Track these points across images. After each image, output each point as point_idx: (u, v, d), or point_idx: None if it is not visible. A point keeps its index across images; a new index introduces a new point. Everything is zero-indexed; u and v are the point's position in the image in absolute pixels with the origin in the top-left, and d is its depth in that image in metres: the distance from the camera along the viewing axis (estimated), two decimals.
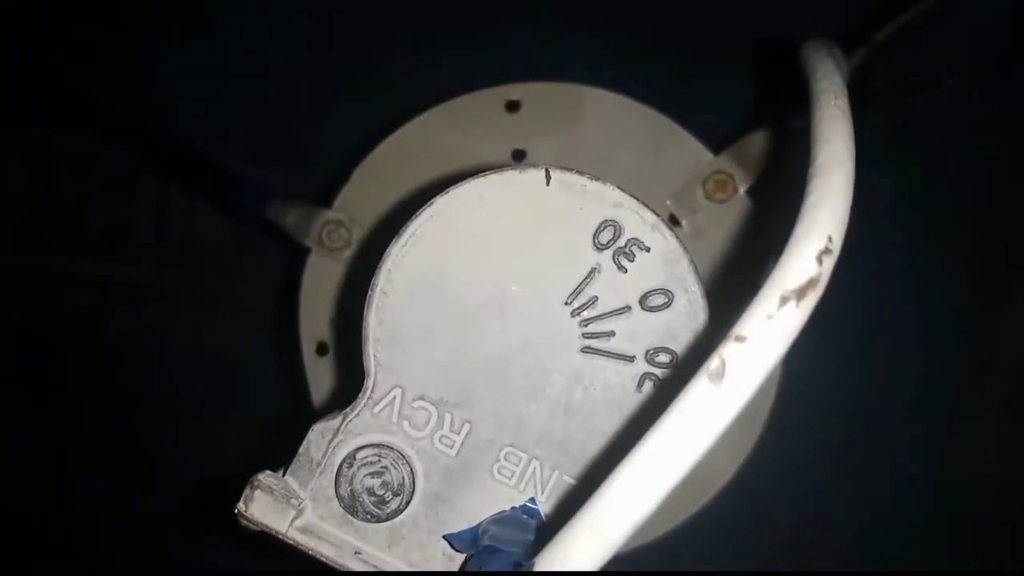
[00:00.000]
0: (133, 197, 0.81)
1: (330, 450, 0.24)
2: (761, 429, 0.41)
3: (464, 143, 0.40)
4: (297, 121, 0.59)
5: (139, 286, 0.76)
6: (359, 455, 0.24)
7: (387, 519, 0.24)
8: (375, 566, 0.24)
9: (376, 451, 0.24)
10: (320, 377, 0.41)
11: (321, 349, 0.41)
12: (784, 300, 0.17)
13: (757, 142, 0.40)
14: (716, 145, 0.42)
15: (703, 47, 0.54)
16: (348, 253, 0.41)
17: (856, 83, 0.37)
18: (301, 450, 0.25)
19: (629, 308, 0.25)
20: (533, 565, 0.20)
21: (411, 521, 0.24)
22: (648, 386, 0.25)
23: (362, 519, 0.24)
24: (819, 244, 0.18)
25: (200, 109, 0.61)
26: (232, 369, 0.79)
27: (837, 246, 0.18)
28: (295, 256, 0.44)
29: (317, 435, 0.25)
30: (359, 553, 0.24)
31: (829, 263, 0.18)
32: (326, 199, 0.43)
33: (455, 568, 0.25)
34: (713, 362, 0.17)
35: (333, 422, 0.25)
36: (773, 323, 0.17)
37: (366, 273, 0.25)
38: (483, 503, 0.25)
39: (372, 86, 0.58)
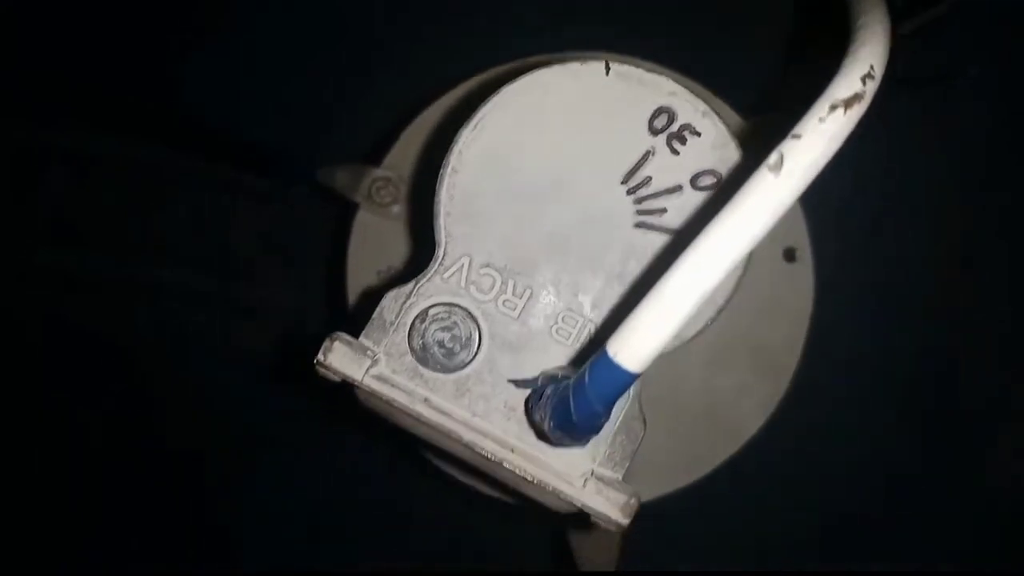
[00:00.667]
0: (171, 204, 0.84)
1: (403, 311, 0.27)
2: (787, 383, 0.43)
3: None
4: (348, 90, 0.62)
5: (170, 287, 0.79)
6: (431, 312, 0.26)
7: (454, 370, 0.26)
8: (443, 413, 0.26)
9: (446, 308, 0.26)
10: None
11: (368, 293, 0.44)
12: (833, 108, 0.20)
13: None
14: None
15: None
16: (396, 208, 0.44)
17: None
18: (375, 315, 0.27)
19: (680, 187, 0.27)
20: (605, 349, 0.22)
21: (475, 375, 0.27)
22: None
23: (432, 369, 0.26)
24: (864, 69, 0.20)
25: (249, 88, 0.64)
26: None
27: (879, 74, 0.21)
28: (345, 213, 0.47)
29: (390, 300, 0.27)
30: (428, 401, 0.26)
31: (872, 85, 0.20)
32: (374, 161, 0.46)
33: (511, 418, 0.27)
34: (772, 157, 0.20)
35: (405, 288, 0.27)
36: (824, 125, 0.20)
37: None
38: (541, 360, 0.27)
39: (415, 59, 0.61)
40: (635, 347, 0.20)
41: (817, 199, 0.38)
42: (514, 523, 0.65)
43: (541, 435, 0.26)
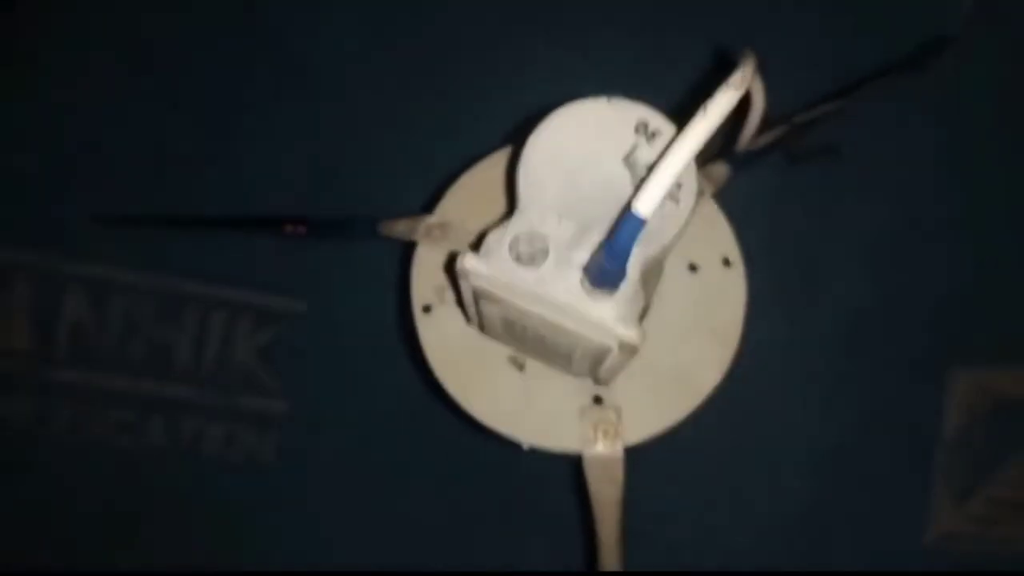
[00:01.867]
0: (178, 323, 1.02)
1: (502, 237, 0.46)
2: (733, 352, 0.62)
3: None
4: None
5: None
6: (519, 236, 0.46)
7: (536, 268, 0.45)
8: (530, 293, 0.44)
9: (528, 233, 0.45)
10: (427, 327, 0.61)
11: (426, 309, 0.62)
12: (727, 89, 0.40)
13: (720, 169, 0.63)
14: None
15: None
16: (447, 244, 0.63)
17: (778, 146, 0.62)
18: (484, 244, 0.46)
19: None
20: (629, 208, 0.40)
21: (549, 270, 0.45)
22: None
23: (525, 265, 0.45)
24: (745, 73, 0.41)
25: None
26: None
27: (749, 76, 0.42)
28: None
29: (493, 235, 0.46)
30: (520, 285, 0.44)
31: (745, 82, 0.41)
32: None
33: (569, 291, 0.45)
34: (705, 105, 0.39)
35: (501, 226, 0.46)
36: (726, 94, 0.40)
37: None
38: (584, 258, 0.46)
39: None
40: (645, 200, 0.39)
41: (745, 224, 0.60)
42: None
43: (587, 295, 0.44)
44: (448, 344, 0.58)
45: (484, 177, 0.60)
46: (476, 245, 0.43)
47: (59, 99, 1.06)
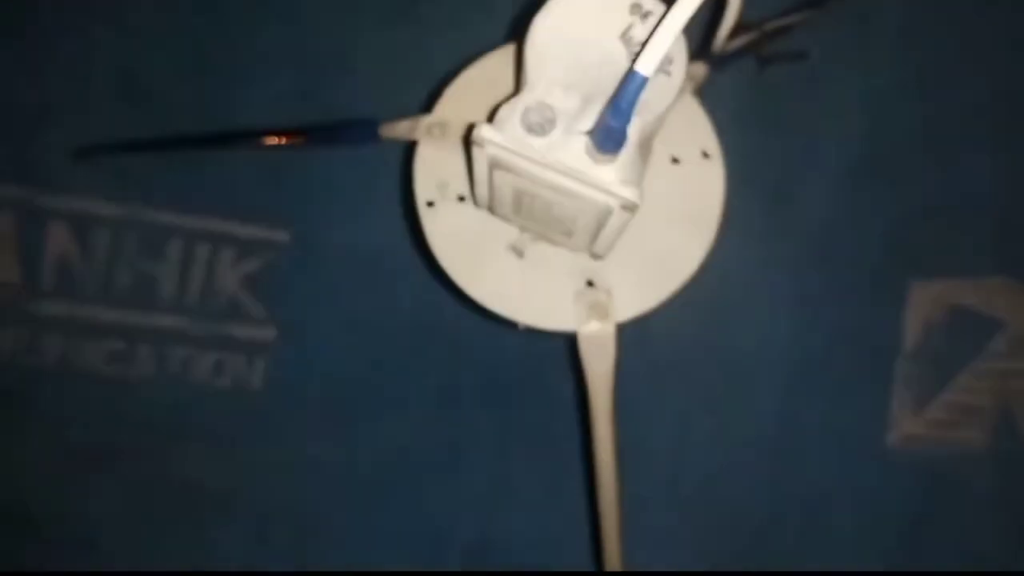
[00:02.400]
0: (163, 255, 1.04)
1: (513, 109, 0.49)
2: (712, 236, 0.66)
3: None
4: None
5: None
6: (529, 107, 0.49)
7: (546, 136, 0.48)
8: (547, 160, 0.48)
9: (537, 104, 0.49)
10: (431, 221, 0.64)
11: (430, 204, 0.65)
12: None
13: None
14: None
15: None
16: (447, 142, 0.66)
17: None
18: (497, 116, 0.49)
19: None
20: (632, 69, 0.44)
21: (558, 137, 0.49)
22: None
23: (536, 134, 0.48)
24: None
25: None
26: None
27: None
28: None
29: (505, 108, 0.49)
30: (530, 153, 0.48)
31: None
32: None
33: (577, 154, 0.48)
34: None
35: (512, 100, 0.49)
36: None
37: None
38: (588, 124, 0.49)
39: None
40: (645, 61, 0.42)
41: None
42: None
43: (592, 159, 0.48)
44: (451, 235, 0.61)
45: (481, 75, 0.63)
46: (489, 118, 0.46)
47: (41, 35, 1.06)
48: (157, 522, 1.01)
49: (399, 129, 0.64)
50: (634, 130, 0.44)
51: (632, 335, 1.01)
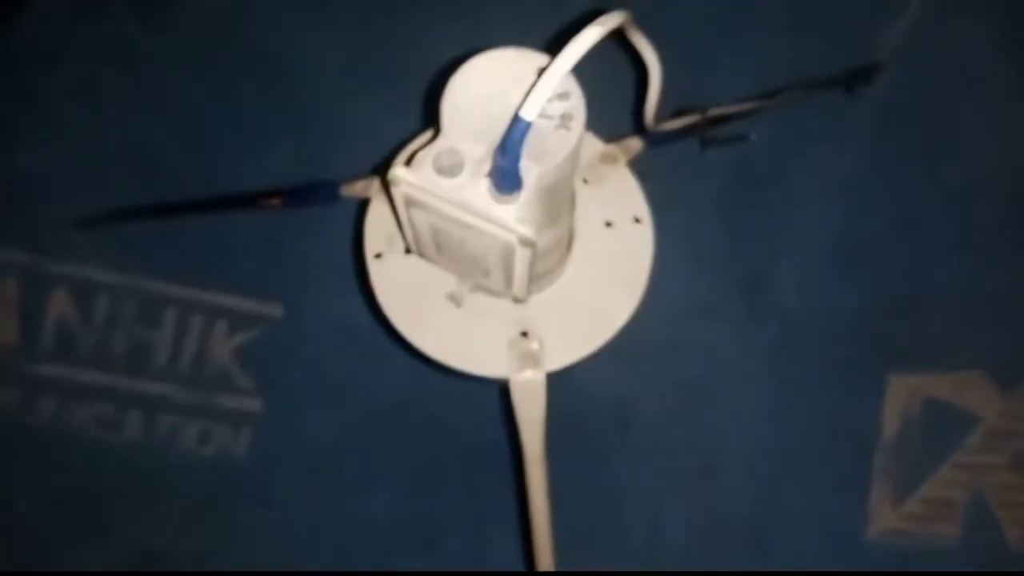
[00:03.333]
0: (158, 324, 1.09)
1: (426, 154, 0.54)
2: (642, 291, 0.69)
3: None
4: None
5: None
6: (441, 153, 0.54)
7: (455, 178, 0.53)
8: (449, 200, 0.52)
9: (448, 151, 0.54)
10: (378, 272, 0.69)
11: (378, 256, 0.70)
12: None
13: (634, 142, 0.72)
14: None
15: None
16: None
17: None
18: (414, 160, 0.54)
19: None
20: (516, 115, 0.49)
21: (466, 182, 0.53)
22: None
23: (445, 175, 0.52)
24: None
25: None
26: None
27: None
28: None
29: (420, 153, 0.54)
30: (440, 191, 0.53)
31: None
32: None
33: (481, 195, 0.52)
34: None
35: (427, 147, 0.54)
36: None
37: None
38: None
39: None
40: (527, 107, 0.47)
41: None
42: None
43: (493, 199, 0.52)
44: (395, 286, 0.66)
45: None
46: (407, 162, 0.51)
47: (52, 107, 1.13)
48: None
49: (356, 188, 0.69)
50: (531, 175, 0.48)
51: (612, 416, 1.05)
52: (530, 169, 0.49)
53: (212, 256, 1.10)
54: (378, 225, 0.67)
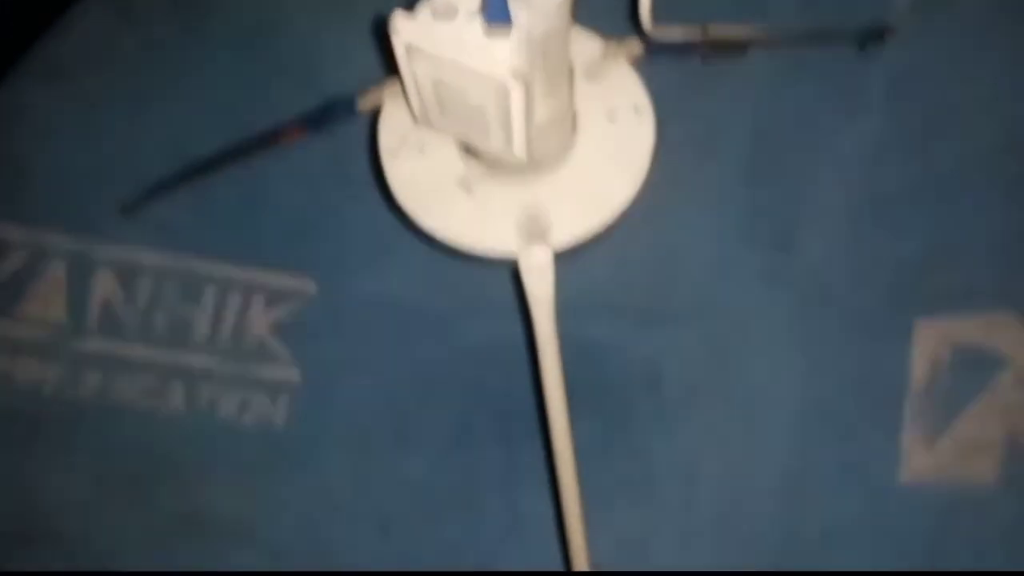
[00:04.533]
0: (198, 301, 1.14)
1: (423, 4, 0.57)
2: (644, 172, 0.72)
3: None
4: None
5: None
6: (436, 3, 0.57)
7: (452, 21, 0.56)
8: (450, 40, 0.56)
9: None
10: (392, 167, 0.72)
11: (392, 153, 0.73)
12: None
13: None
14: None
15: None
16: None
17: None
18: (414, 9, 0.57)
19: None
20: None
21: (462, 25, 0.57)
22: None
23: (442, 20, 0.56)
24: None
25: None
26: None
27: None
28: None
29: (422, 2, 0.57)
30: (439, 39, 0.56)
31: None
32: None
33: (480, 35, 0.56)
34: None
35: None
36: None
37: None
38: None
39: None
40: None
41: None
42: None
43: (487, 38, 0.55)
44: (409, 179, 0.69)
45: None
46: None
47: (99, 105, 1.20)
48: (175, 547, 1.06)
49: (372, 97, 0.73)
50: (522, 19, 0.52)
51: (643, 376, 1.07)
52: (520, 14, 0.52)
53: (247, 235, 1.15)
54: (392, 126, 0.71)
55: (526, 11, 0.52)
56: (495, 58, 0.52)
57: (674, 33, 0.75)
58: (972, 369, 1.07)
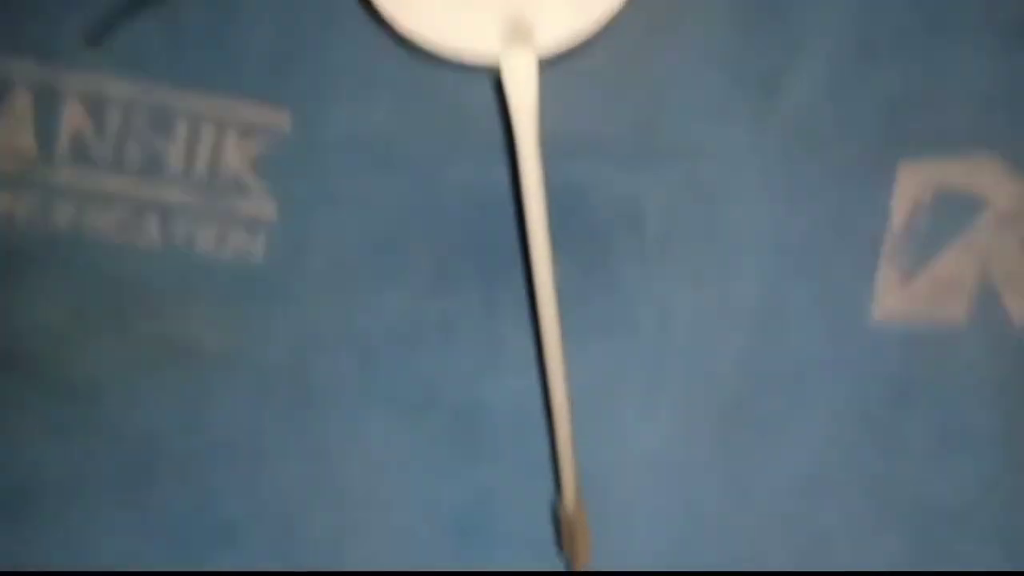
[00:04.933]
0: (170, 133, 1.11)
1: None
2: None
3: None
4: None
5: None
6: None
7: None
8: None
9: None
10: None
11: None
12: None
13: None
14: None
15: None
16: None
17: None
18: None
19: None
20: None
21: None
22: None
23: None
24: None
25: None
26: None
27: None
28: None
29: None
30: None
31: None
32: None
33: None
34: None
35: None
36: None
37: None
38: None
39: None
40: None
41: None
42: None
43: None
44: None
45: None
46: None
47: None
48: (158, 377, 1.06)
49: None
50: None
51: (623, 217, 1.06)
52: None
53: (221, 65, 1.12)
54: None
55: None
56: None
57: None
58: (951, 211, 1.07)
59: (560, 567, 1.01)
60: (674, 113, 1.21)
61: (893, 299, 1.06)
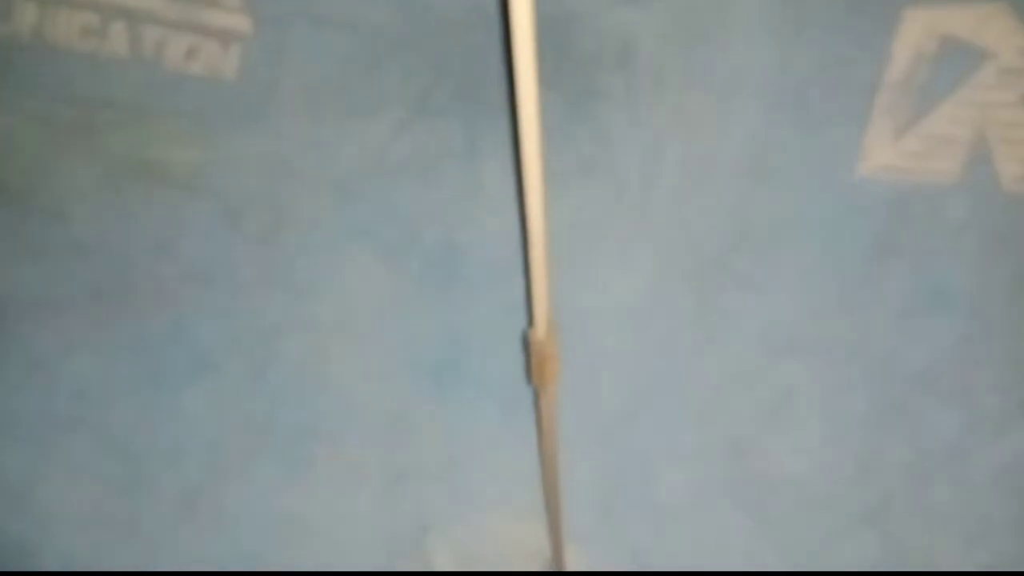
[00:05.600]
0: None
1: None
2: None
3: None
4: None
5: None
6: None
7: None
8: None
9: None
10: None
11: None
12: None
13: None
14: None
15: None
16: None
17: None
18: None
19: None
20: None
21: None
22: None
23: None
24: None
25: None
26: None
27: None
28: None
29: None
30: None
31: None
32: None
33: None
34: None
35: None
36: None
37: None
38: None
39: None
40: None
41: None
42: None
43: None
44: None
45: None
46: None
47: None
48: (126, 197, 1.03)
49: None
50: None
51: (613, 54, 1.00)
52: None
53: None
54: None
55: None
56: None
57: None
58: (954, 63, 1.04)
59: (528, 401, 1.02)
60: None
61: (882, 154, 1.04)
